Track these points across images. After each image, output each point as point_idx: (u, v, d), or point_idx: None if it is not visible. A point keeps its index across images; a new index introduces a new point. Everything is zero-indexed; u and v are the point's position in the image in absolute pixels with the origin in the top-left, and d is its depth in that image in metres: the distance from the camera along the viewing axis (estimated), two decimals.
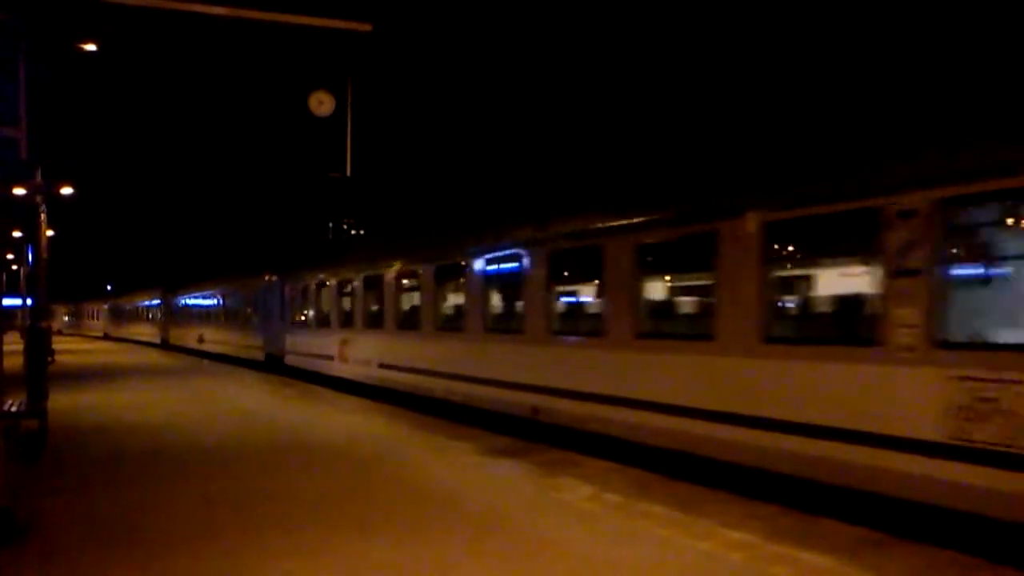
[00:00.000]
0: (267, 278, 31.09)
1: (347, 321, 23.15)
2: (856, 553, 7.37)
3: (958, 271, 8.26)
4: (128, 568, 6.95)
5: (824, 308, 9.98)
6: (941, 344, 7.91)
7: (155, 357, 40.33)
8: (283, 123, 9.43)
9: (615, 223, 12.36)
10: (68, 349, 46.44)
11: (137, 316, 62.27)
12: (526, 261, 14.55)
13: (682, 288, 12.45)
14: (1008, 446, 7.29)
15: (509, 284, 15.35)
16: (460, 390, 16.45)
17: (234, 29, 9.11)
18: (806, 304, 10.35)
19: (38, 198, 18.74)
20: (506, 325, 15.34)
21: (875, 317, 8.56)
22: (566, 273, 14.10)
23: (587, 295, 14.19)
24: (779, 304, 10.37)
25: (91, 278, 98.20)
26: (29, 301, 21.64)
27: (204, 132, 9.73)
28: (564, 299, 14.45)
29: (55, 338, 44.55)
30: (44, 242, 19.79)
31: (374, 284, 21.15)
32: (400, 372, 19.40)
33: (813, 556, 7.15)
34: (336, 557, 7.14)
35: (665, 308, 12.36)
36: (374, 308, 21.28)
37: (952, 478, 7.69)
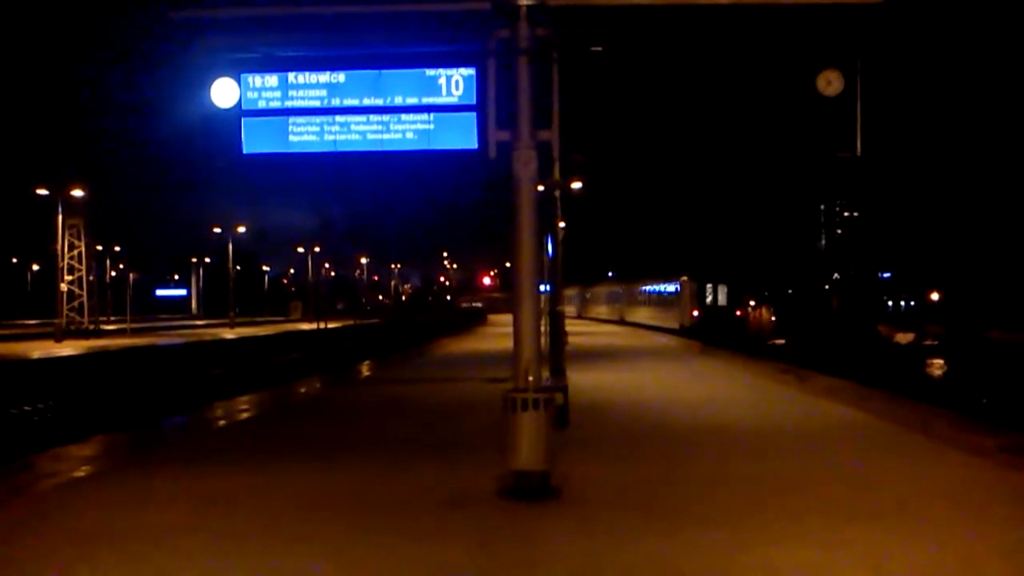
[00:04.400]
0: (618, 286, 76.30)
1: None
2: None
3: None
4: (658, 535, 7.41)
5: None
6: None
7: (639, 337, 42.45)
8: (788, 104, 9.27)
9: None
10: (573, 332, 50.65)
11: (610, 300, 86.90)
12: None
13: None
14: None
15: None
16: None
17: (737, 15, 9.13)
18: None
19: (556, 193, 20.66)
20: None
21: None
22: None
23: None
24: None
25: (594, 265, 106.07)
26: (548, 287, 23.79)
27: (703, 122, 9.87)
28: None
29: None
30: (560, 235, 21.75)
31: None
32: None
33: None
34: (847, 548, 6.97)
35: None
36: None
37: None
